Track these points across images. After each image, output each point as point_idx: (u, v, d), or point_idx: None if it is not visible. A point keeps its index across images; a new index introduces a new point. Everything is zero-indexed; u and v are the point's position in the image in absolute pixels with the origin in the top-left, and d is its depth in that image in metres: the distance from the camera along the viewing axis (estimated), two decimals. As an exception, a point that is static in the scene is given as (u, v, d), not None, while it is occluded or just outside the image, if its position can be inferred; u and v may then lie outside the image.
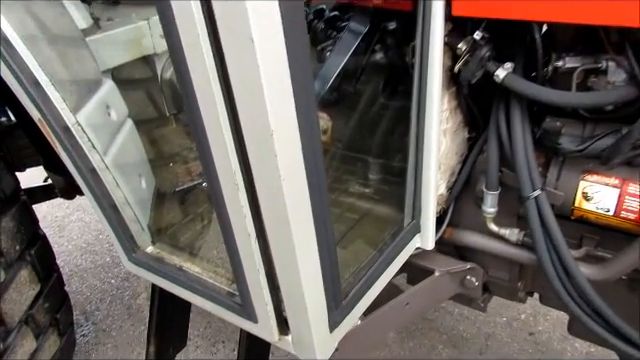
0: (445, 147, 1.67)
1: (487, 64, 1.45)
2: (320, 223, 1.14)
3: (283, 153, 0.96)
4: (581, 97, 1.37)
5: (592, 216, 1.56)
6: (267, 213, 1.08)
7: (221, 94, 0.95)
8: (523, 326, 3.08)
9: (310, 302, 1.20)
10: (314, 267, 1.18)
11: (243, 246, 1.17)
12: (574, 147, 1.45)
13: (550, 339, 2.97)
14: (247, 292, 1.28)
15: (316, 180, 1.08)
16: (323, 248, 1.19)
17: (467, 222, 1.85)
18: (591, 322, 1.60)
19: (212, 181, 1.09)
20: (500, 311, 3.18)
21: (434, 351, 2.95)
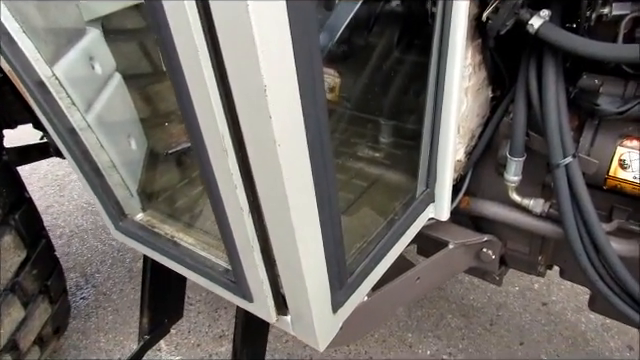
0: (466, 107, 1.49)
1: (520, 11, 1.26)
2: (323, 196, 0.99)
3: (279, 114, 0.80)
4: (634, 50, 1.18)
5: (628, 186, 1.40)
6: (261, 184, 0.93)
7: (204, 41, 0.78)
8: (536, 296, 2.97)
9: (310, 282, 1.07)
10: (315, 244, 1.04)
11: (235, 220, 1.03)
12: (614, 109, 1.27)
13: (564, 310, 2.86)
14: (241, 270, 1.14)
15: (319, 146, 0.92)
16: (326, 223, 1.04)
17: (486, 191, 1.69)
18: (620, 302, 1.46)
19: (197, 147, 0.94)
20: (512, 280, 3.06)
21: (442, 320, 2.85)
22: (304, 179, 0.93)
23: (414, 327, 2.84)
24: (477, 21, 1.35)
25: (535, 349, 2.65)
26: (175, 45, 0.80)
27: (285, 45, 0.76)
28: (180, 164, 1.86)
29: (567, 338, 2.70)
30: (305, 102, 0.85)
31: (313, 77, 0.84)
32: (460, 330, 2.80)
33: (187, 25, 0.76)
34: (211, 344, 2.82)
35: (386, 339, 2.78)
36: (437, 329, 2.82)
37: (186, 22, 0.76)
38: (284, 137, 0.84)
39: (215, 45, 0.77)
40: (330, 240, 1.08)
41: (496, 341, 2.71)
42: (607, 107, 1.28)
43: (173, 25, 0.78)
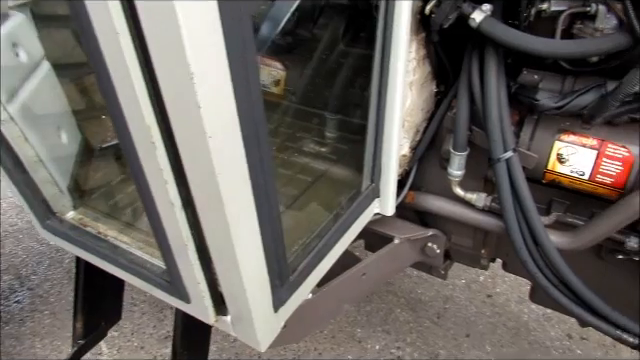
0: (410, 102, 1.48)
1: (462, 5, 1.26)
2: (260, 191, 0.95)
3: (209, 104, 0.75)
4: (570, 46, 1.20)
5: (566, 180, 1.43)
6: (193, 178, 0.88)
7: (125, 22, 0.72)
8: (481, 288, 3.03)
9: (249, 281, 1.03)
10: (253, 241, 1.00)
11: (167, 217, 0.97)
12: (553, 104, 1.29)
13: (508, 301, 2.94)
14: (176, 269, 1.09)
15: (255, 139, 0.88)
16: (265, 220, 1.00)
17: (431, 186, 1.69)
18: (558, 293, 1.50)
19: (124, 139, 0.88)
20: (459, 273, 3.12)
21: (391, 315, 2.87)
22: (239, 173, 0.89)
23: (363, 322, 2.84)
24: (421, 15, 1.34)
25: (480, 340, 2.71)
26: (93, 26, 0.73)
27: (214, 29, 0.71)
28: (116, 159, 1.77)
29: (510, 329, 2.77)
30: (238, 92, 0.80)
31: (246, 65, 0.79)
32: (408, 324, 2.82)
33: (105, 5, 0.70)
34: (156, 346, 2.72)
35: (335, 335, 2.77)
36: (386, 323, 2.83)
37: (104, 2, 0.70)
38: (216, 129, 0.79)
39: (137, 27, 0.71)
40: (269, 237, 1.04)
41: (443, 334, 2.75)
42: (546, 102, 1.30)
43: (90, 5, 0.72)
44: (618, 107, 1.22)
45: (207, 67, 0.73)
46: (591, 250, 1.62)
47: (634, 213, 1.31)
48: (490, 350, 2.66)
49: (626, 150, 1.33)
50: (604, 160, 1.35)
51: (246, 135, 0.86)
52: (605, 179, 1.36)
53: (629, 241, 1.43)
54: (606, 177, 1.36)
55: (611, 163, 1.34)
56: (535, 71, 1.40)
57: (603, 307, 1.47)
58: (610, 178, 1.35)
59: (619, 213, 1.33)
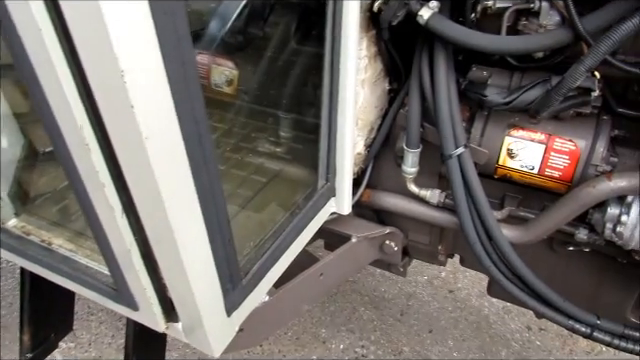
0: (363, 100, 1.48)
1: (410, 2, 1.26)
2: (205, 192, 0.92)
3: (143, 103, 0.72)
4: (514, 42, 1.22)
5: (516, 175, 1.45)
6: (132, 181, 0.84)
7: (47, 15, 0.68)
8: (443, 284, 3.07)
9: (197, 286, 1.00)
10: (200, 245, 0.97)
11: (107, 222, 0.93)
12: (501, 99, 1.31)
13: (469, 296, 2.98)
14: (121, 276, 1.04)
15: (196, 139, 0.85)
16: (212, 222, 0.97)
17: (386, 183, 1.69)
18: (511, 286, 1.52)
19: (56, 141, 0.83)
20: (421, 269, 3.15)
21: (355, 314, 2.87)
22: (181, 175, 0.86)
23: (327, 322, 2.83)
24: (370, 12, 1.33)
25: (443, 335, 2.74)
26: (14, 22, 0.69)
27: (145, 23, 0.68)
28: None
29: (472, 323, 2.81)
30: (176, 90, 0.77)
31: (183, 61, 0.77)
32: (372, 322, 2.83)
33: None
34: (114, 355, 2.64)
35: (299, 336, 2.75)
36: (350, 322, 2.83)
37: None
38: (152, 129, 0.76)
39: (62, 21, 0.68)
40: (218, 239, 1.02)
41: (406, 330, 2.77)
42: (494, 98, 1.32)
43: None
44: (562, 102, 1.25)
45: (139, 64, 0.70)
46: (544, 243, 1.65)
47: (581, 206, 1.34)
48: (452, 345, 2.69)
49: (573, 144, 1.35)
50: (552, 154, 1.37)
51: (187, 135, 0.83)
52: (553, 173, 1.39)
53: (578, 233, 1.46)
54: (554, 171, 1.39)
55: (559, 157, 1.37)
56: (484, 67, 1.41)
57: (555, 298, 1.50)
58: (558, 172, 1.38)
59: (567, 206, 1.36)
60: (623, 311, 1.67)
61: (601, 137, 1.34)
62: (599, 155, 1.33)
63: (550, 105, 1.23)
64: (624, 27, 1.03)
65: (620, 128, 1.40)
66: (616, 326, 1.51)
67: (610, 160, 1.36)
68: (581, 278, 1.69)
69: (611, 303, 1.68)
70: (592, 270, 1.65)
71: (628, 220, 1.31)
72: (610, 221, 1.35)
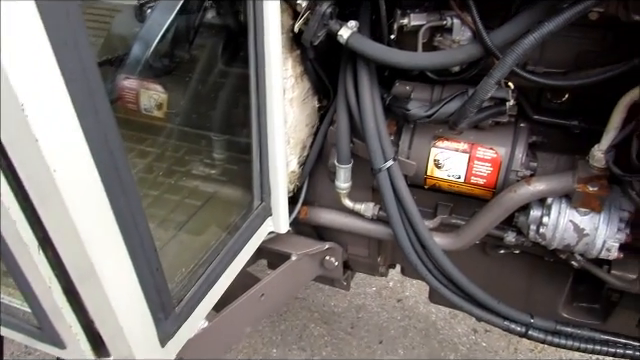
0: (293, 118, 1.49)
1: (330, 22, 1.29)
2: (127, 223, 0.90)
3: (48, 135, 0.70)
4: (429, 57, 1.27)
5: (444, 184, 1.50)
6: (45, 216, 0.82)
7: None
8: (391, 294, 3.11)
9: (126, 318, 0.97)
10: (124, 277, 0.94)
11: (23, 260, 0.89)
12: (423, 112, 1.36)
13: (416, 304, 3.03)
14: (44, 314, 1.00)
15: (112, 169, 0.84)
16: (137, 252, 0.95)
17: (323, 199, 1.71)
18: (448, 292, 1.56)
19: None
20: (370, 281, 3.18)
21: (306, 331, 2.86)
22: (97, 207, 0.84)
23: (278, 341, 2.80)
24: (293, 33, 1.35)
25: (393, 345, 2.77)
26: None
27: (42, 51, 0.66)
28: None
29: (420, 330, 2.86)
30: (84, 118, 0.75)
31: (90, 89, 0.75)
32: (323, 338, 2.82)
33: None
34: (55, 396, 2.50)
35: (251, 357, 2.71)
36: (301, 340, 2.81)
37: None
38: (61, 162, 0.74)
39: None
40: (145, 269, 0.99)
41: (357, 343, 2.78)
42: (416, 111, 1.36)
43: None
44: (480, 112, 1.31)
45: (40, 94, 0.68)
46: (477, 247, 1.71)
47: (505, 210, 1.40)
48: (403, 353, 2.72)
49: (494, 152, 1.42)
50: (475, 162, 1.43)
51: (101, 165, 0.81)
52: (478, 180, 1.45)
53: (507, 236, 1.53)
54: (479, 178, 1.44)
55: (482, 165, 1.43)
56: (407, 82, 1.46)
57: (490, 301, 1.55)
58: (482, 179, 1.44)
59: (492, 211, 1.42)
60: (555, 308, 1.75)
61: (519, 144, 1.41)
62: (518, 161, 1.40)
63: (466, 116, 1.28)
64: (526, 41, 1.10)
65: (538, 134, 1.48)
66: (549, 323, 1.58)
67: (530, 165, 1.44)
68: (514, 279, 1.76)
69: (544, 301, 1.75)
70: (524, 271, 1.73)
71: (549, 221, 1.38)
72: (533, 223, 1.41)
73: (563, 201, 1.37)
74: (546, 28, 1.08)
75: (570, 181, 1.33)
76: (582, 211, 1.35)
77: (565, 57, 1.35)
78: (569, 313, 1.75)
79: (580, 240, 1.36)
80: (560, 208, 1.37)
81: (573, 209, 1.35)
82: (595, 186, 1.30)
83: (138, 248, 0.96)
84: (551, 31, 1.08)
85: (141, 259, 0.98)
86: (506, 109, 1.33)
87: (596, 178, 1.31)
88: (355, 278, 3.07)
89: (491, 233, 1.53)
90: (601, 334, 1.59)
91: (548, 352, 2.71)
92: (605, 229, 1.33)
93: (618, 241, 1.33)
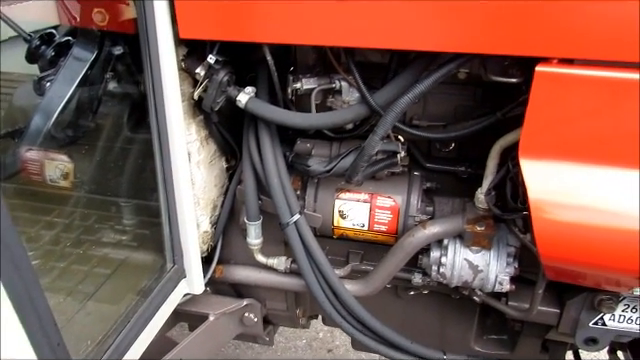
0: (201, 180, 1.53)
1: (228, 89, 1.36)
2: (22, 300, 0.89)
3: None
4: (322, 118, 1.37)
5: (350, 233, 1.58)
6: None
7: None
8: (322, 344, 3.11)
9: (23, 400, 0.94)
10: (21, 353, 0.92)
11: None
12: (322, 168, 1.45)
13: (347, 351, 3.05)
14: None
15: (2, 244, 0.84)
16: (34, 329, 0.94)
17: (238, 257, 1.74)
18: (364, 337, 1.62)
19: None
20: (300, 334, 3.17)
21: (237, 392, 2.79)
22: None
23: (208, 407, 2.71)
24: (194, 100, 1.42)
25: (326, 397, 2.76)
26: None
27: None
28: None
29: (352, 378, 2.87)
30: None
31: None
32: (255, 397, 2.77)
33: None
34: None
35: None
36: (232, 403, 2.74)
37: None
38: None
39: None
40: (44, 346, 0.98)
41: (290, 399, 2.75)
42: (316, 167, 1.45)
43: None
44: (374, 164, 1.42)
45: None
46: (390, 291, 1.79)
47: (406, 254, 1.49)
48: (336, 404, 2.71)
49: (392, 200, 1.52)
50: (376, 211, 1.53)
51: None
52: (381, 227, 1.54)
53: (414, 278, 1.62)
54: (381, 225, 1.54)
55: (382, 213, 1.53)
56: (307, 140, 1.56)
57: (403, 342, 1.61)
58: (384, 226, 1.54)
59: (395, 256, 1.51)
60: (468, 342, 1.84)
61: (414, 191, 1.52)
62: (414, 207, 1.51)
63: (358, 170, 1.38)
64: (403, 101, 1.22)
65: (432, 181, 1.60)
66: (461, 358, 1.66)
67: (426, 210, 1.55)
68: (428, 318, 1.84)
69: (457, 337, 1.84)
70: (435, 310, 1.82)
71: (447, 261, 1.48)
72: (434, 263, 1.51)
73: (458, 241, 1.49)
74: (418, 89, 1.21)
75: (460, 222, 1.45)
76: (474, 249, 1.46)
77: (445, 111, 1.51)
78: (481, 346, 1.85)
79: (476, 276, 1.47)
80: (455, 248, 1.48)
81: (466, 248, 1.47)
82: (482, 226, 1.43)
83: (35, 325, 0.94)
84: (422, 91, 1.21)
85: (39, 336, 0.96)
86: (398, 161, 1.45)
87: (482, 218, 1.44)
88: (284, 332, 3.08)
89: (399, 276, 1.61)
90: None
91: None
92: (496, 264, 1.45)
93: (508, 274, 1.45)
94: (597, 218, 1.17)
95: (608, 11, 1.03)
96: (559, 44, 1.08)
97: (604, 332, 1.52)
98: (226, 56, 1.36)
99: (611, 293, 1.44)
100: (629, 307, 1.47)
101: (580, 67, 1.09)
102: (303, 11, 1.17)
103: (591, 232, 1.17)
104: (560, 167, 1.17)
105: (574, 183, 1.17)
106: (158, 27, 1.22)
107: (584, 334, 1.54)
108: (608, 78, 1.08)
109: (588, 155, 1.16)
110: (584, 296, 1.48)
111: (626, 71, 1.07)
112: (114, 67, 1.49)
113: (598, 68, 1.08)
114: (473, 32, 1.10)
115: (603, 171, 1.15)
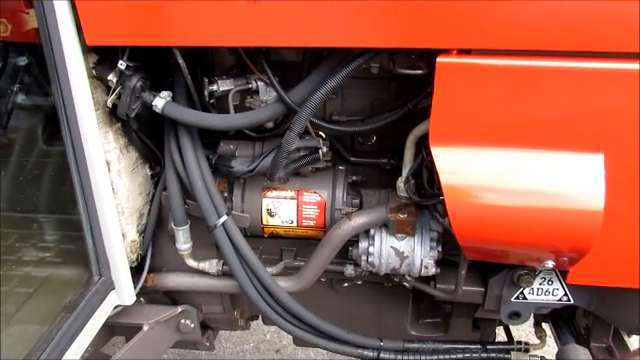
0: (124, 189, 1.50)
1: (143, 95, 1.35)
2: None
3: None
4: (240, 118, 1.38)
5: (281, 230, 1.60)
6: None
7: None
8: (269, 346, 3.11)
9: None
10: None
11: None
12: (245, 168, 1.46)
13: (295, 351, 3.06)
14: None
15: None
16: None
17: (170, 264, 1.72)
18: (301, 332, 1.64)
19: None
20: (247, 337, 3.16)
21: (185, 402, 2.75)
22: None
23: (157, 421, 2.65)
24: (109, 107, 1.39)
25: (276, 397, 2.76)
26: None
27: None
28: None
29: (301, 376, 2.89)
30: None
31: None
32: (204, 406, 2.73)
33: None
34: None
35: None
36: (180, 414, 2.69)
37: None
38: None
39: None
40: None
41: (239, 404, 2.73)
42: (239, 167, 1.46)
43: None
44: (296, 161, 1.44)
45: None
46: (326, 285, 1.82)
47: (334, 246, 1.53)
48: (286, 403, 2.72)
49: (317, 195, 1.55)
50: (304, 207, 1.56)
51: None
52: (309, 222, 1.57)
53: (346, 270, 1.65)
54: (309, 220, 1.57)
55: (309, 208, 1.55)
56: (231, 141, 1.56)
57: (340, 333, 1.65)
58: (312, 220, 1.56)
59: (324, 249, 1.54)
60: (405, 328, 1.90)
61: (339, 185, 1.56)
62: (340, 200, 1.55)
63: (279, 167, 1.40)
64: (316, 97, 1.25)
65: (358, 174, 1.65)
66: (397, 343, 1.72)
67: (353, 202, 1.59)
68: (365, 308, 1.89)
69: (394, 324, 1.90)
70: (371, 299, 1.87)
71: (374, 250, 1.53)
72: (363, 254, 1.56)
73: (383, 230, 1.54)
74: (330, 84, 1.24)
75: (384, 212, 1.50)
76: (399, 236, 1.52)
77: (362, 106, 1.56)
78: (416, 330, 1.92)
79: (402, 262, 1.53)
80: (381, 237, 1.53)
81: (392, 236, 1.52)
82: (405, 213, 1.49)
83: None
84: (334, 86, 1.25)
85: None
86: (320, 156, 1.48)
87: (404, 206, 1.50)
88: (232, 337, 3.06)
89: (332, 269, 1.65)
90: (444, 344, 1.77)
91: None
92: (420, 249, 1.51)
93: (433, 258, 1.52)
94: (505, 198, 1.25)
95: (500, 4, 1.10)
96: (456, 36, 1.14)
97: (525, 305, 1.62)
98: (139, 61, 1.34)
99: (528, 268, 1.53)
100: (545, 280, 1.57)
101: (477, 57, 1.16)
102: (213, 13, 1.18)
103: (500, 211, 1.25)
104: (468, 152, 1.24)
105: (482, 166, 1.24)
106: (62, 35, 1.19)
107: (507, 309, 1.63)
108: (504, 66, 1.16)
109: (493, 139, 1.23)
110: (504, 273, 1.57)
111: (520, 58, 1.15)
112: (22, 79, 1.44)
113: (494, 57, 1.16)
114: (378, 28, 1.15)
115: (508, 153, 1.23)
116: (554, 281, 1.56)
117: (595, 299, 1.58)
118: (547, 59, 1.14)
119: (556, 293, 1.57)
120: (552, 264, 1.33)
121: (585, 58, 1.12)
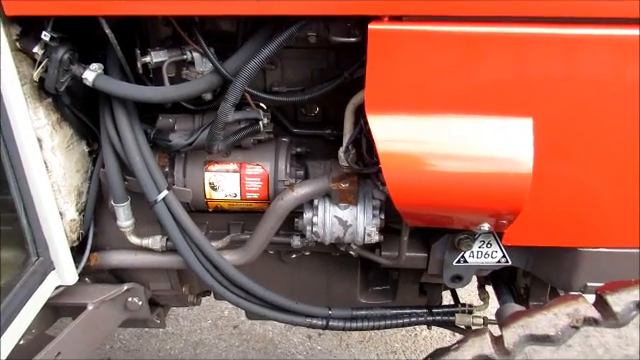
0: (59, 166, 1.46)
1: (72, 67, 1.30)
2: None
3: None
4: (175, 90, 1.36)
5: (225, 204, 1.59)
6: None
7: None
8: (227, 322, 3.13)
9: None
10: None
11: None
12: (184, 141, 1.43)
13: (253, 325, 3.09)
14: None
15: None
16: None
17: (113, 242, 1.69)
18: (250, 305, 1.65)
19: None
20: (204, 315, 3.17)
21: (143, 383, 2.74)
22: None
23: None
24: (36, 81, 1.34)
25: (234, 372, 2.79)
26: None
27: None
28: None
29: (259, 350, 2.93)
30: None
31: None
32: (163, 385, 2.74)
33: None
34: None
35: None
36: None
37: None
38: None
39: None
40: None
41: (198, 380, 2.75)
42: (177, 141, 1.44)
43: None
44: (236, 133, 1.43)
45: None
46: (274, 257, 1.83)
47: (278, 218, 1.54)
48: (244, 377, 2.76)
49: (260, 167, 1.55)
50: (247, 179, 1.55)
51: None
52: (253, 195, 1.57)
53: (293, 241, 1.67)
54: (253, 193, 1.56)
55: (252, 180, 1.55)
56: (169, 115, 1.53)
57: (288, 304, 1.67)
58: (256, 193, 1.56)
59: (267, 221, 1.54)
60: (355, 297, 1.94)
61: (281, 157, 1.55)
62: (283, 172, 1.55)
63: (216, 139, 1.38)
64: (250, 66, 1.24)
65: (301, 146, 1.65)
66: (345, 312, 1.75)
67: (297, 174, 1.59)
68: (315, 279, 1.92)
69: (344, 294, 1.94)
70: (320, 270, 1.89)
71: (318, 220, 1.54)
72: (307, 224, 1.57)
73: (327, 200, 1.55)
74: (264, 53, 1.23)
75: (326, 182, 1.51)
76: (342, 206, 1.54)
77: (302, 76, 1.55)
78: (367, 298, 1.96)
79: (346, 231, 1.55)
80: (325, 207, 1.55)
81: (335, 205, 1.54)
82: (346, 183, 1.50)
83: None
84: (268, 55, 1.24)
85: None
86: (260, 128, 1.47)
87: (346, 176, 1.51)
88: (189, 315, 3.06)
89: (279, 241, 1.66)
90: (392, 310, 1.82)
91: (375, 340, 2.97)
92: (363, 218, 1.54)
93: (375, 226, 1.55)
94: (439, 164, 1.28)
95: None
96: (387, 2, 1.14)
97: (466, 268, 1.67)
98: (67, 32, 1.29)
99: (468, 232, 1.58)
100: (484, 243, 1.62)
101: (408, 23, 1.16)
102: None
103: (435, 177, 1.28)
104: (403, 119, 1.25)
105: (416, 133, 1.27)
106: (-23, 4, 1.13)
107: (450, 273, 1.68)
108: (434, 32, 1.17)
109: (427, 106, 1.25)
110: (446, 238, 1.61)
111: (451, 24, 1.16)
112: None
113: (425, 23, 1.17)
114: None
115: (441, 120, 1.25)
116: (492, 244, 1.62)
117: (531, 259, 1.65)
118: (477, 25, 1.15)
119: (495, 255, 1.63)
120: (488, 227, 1.37)
121: (512, 23, 1.15)
